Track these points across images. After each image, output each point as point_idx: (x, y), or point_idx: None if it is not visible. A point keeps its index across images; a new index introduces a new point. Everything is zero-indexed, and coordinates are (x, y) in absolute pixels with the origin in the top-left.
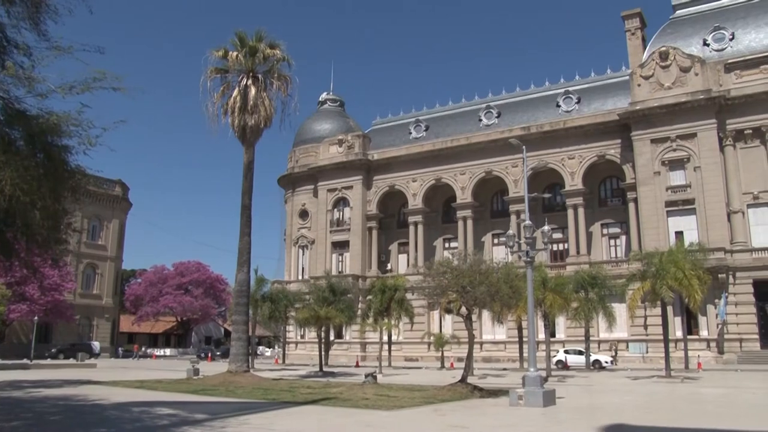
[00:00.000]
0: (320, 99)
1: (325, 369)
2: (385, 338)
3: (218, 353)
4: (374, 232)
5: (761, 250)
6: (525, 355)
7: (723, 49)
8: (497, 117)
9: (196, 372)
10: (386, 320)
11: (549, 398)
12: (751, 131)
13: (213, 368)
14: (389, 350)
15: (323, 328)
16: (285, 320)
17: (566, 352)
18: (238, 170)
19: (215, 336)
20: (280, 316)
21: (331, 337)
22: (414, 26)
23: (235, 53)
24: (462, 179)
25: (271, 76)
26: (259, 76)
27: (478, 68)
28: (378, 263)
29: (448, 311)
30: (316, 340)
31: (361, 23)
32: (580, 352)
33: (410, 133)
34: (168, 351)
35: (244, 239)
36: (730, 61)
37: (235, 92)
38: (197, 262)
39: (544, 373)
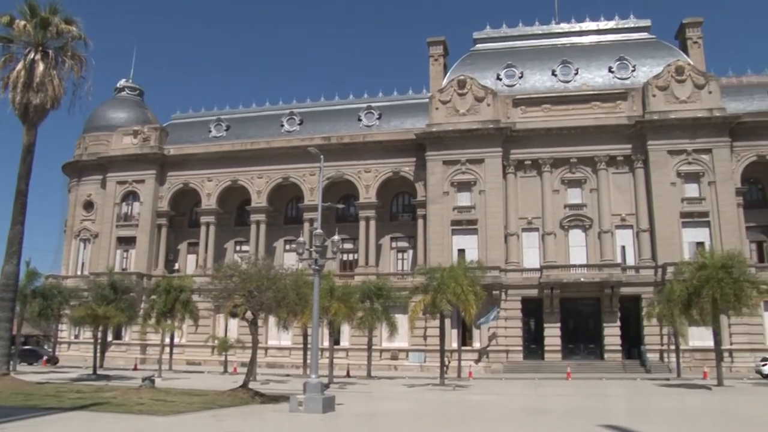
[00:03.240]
0: (117, 86)
1: (99, 372)
2: (168, 340)
3: None
4: (164, 230)
5: (530, 270)
6: (309, 361)
7: (513, 85)
8: (299, 124)
9: None
10: (169, 322)
11: (329, 405)
12: (530, 162)
13: None
14: (171, 353)
15: (101, 328)
16: (58, 318)
17: None
18: (16, 152)
19: None
20: (52, 314)
21: (109, 338)
22: (224, 24)
23: (23, 23)
24: (259, 183)
25: (64, 53)
26: (50, 51)
27: (285, 74)
28: (165, 262)
29: (234, 315)
30: (92, 340)
31: (172, 13)
32: None
33: (210, 131)
34: None
35: (16, 228)
36: (518, 96)
37: (20, 66)
38: None
39: (326, 380)
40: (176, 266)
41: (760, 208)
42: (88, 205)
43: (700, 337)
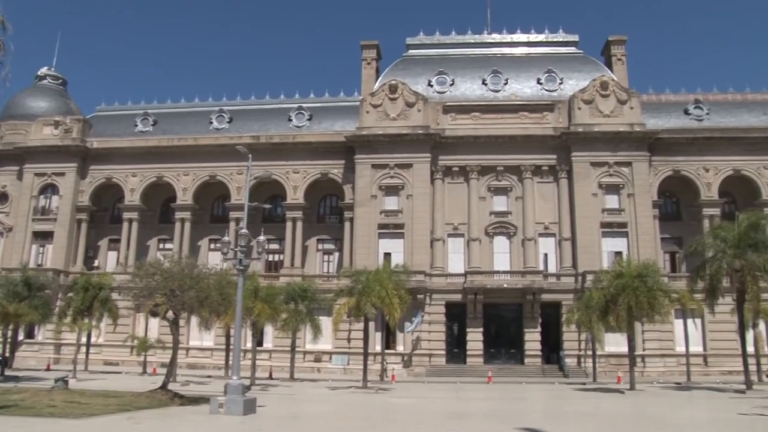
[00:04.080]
0: (39, 73)
1: (8, 373)
2: (84, 340)
3: None
4: (84, 225)
5: (455, 276)
6: (231, 362)
7: (444, 92)
8: (228, 122)
9: None
10: (87, 320)
11: (250, 407)
12: (457, 169)
13: None
14: (87, 353)
15: (11, 327)
16: None
17: None
18: None
19: None
20: None
21: (21, 337)
22: (155, 18)
23: None
24: (185, 180)
25: None
26: None
27: (216, 71)
28: (85, 259)
29: (154, 314)
30: (1, 339)
31: (100, 2)
32: None
33: (136, 125)
34: None
35: None
36: (448, 103)
37: None
38: None
39: (247, 382)
40: (96, 263)
41: (674, 220)
42: (3, 197)
43: (615, 342)
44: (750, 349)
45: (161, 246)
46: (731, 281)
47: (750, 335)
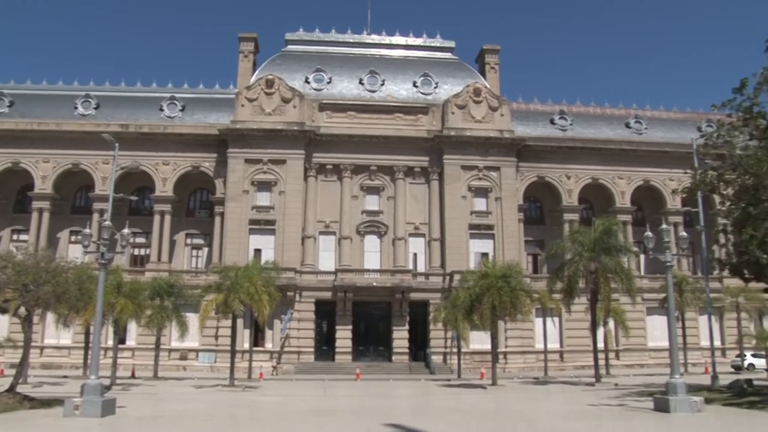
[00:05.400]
0: None
1: None
2: None
3: None
4: None
5: (325, 273)
6: (90, 361)
7: (321, 90)
8: (95, 108)
9: None
10: None
11: (108, 408)
12: (331, 167)
13: None
14: None
15: None
16: None
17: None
18: None
19: None
20: None
21: None
22: None
23: None
24: (45, 167)
25: None
26: None
27: (83, 54)
28: None
29: (4, 311)
30: None
31: None
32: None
33: None
34: None
35: None
36: (324, 101)
37: None
38: None
39: (107, 381)
40: None
41: (537, 224)
42: None
43: (479, 340)
44: (600, 345)
45: (15, 237)
46: (586, 282)
47: (601, 332)
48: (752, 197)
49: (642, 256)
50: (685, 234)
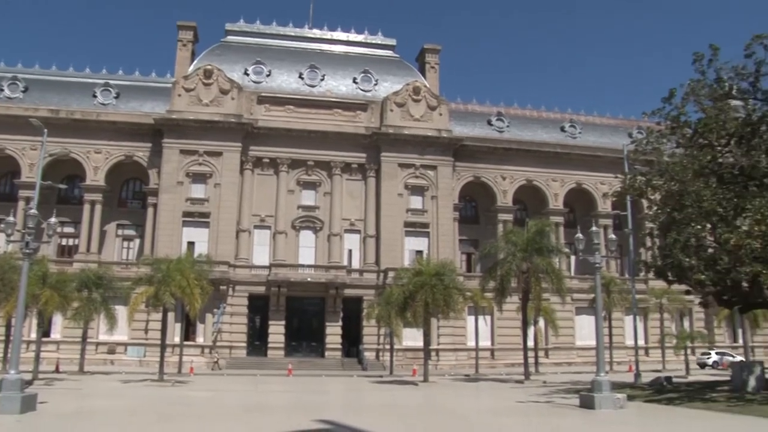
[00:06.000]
0: None
1: None
2: None
3: None
4: None
5: (259, 268)
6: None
7: (260, 83)
8: (23, 91)
9: None
10: None
11: (29, 404)
12: (268, 161)
13: None
14: None
15: None
16: None
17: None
18: None
19: None
20: None
21: None
22: None
23: None
24: None
25: None
26: None
27: (10, 34)
28: None
29: None
30: None
31: None
32: None
33: None
34: None
35: None
36: (263, 94)
37: None
38: None
39: (29, 376)
40: None
41: (472, 223)
42: None
43: (412, 337)
44: (531, 343)
45: None
46: (518, 282)
47: (531, 331)
48: (677, 203)
49: (573, 257)
50: (614, 236)
